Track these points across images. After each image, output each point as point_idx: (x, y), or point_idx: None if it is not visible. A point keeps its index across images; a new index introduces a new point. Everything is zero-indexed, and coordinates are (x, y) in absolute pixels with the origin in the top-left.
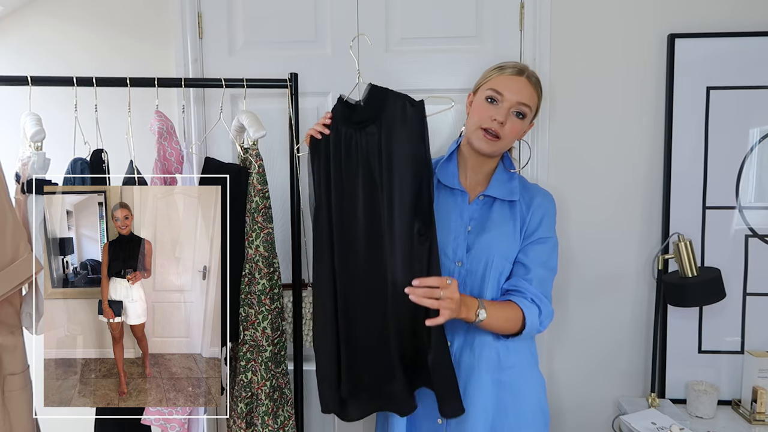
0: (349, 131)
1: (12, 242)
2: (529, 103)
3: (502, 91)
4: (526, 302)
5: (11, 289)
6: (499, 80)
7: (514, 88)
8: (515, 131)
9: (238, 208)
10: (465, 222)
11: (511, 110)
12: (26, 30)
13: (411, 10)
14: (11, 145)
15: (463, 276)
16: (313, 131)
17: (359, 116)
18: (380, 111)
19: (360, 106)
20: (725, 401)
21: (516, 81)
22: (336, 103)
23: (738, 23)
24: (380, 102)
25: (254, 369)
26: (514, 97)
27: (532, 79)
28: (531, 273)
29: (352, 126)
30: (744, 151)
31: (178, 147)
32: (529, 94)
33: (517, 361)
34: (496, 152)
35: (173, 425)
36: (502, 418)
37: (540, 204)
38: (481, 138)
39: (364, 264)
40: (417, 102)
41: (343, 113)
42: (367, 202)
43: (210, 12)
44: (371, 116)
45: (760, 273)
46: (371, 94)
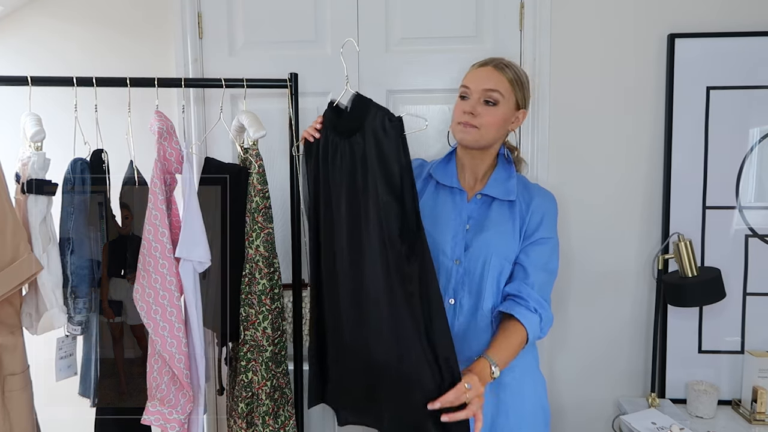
0: (335, 139)
1: (12, 242)
2: (495, 88)
3: (469, 84)
4: (528, 313)
5: (11, 289)
6: (468, 76)
7: (478, 78)
8: (490, 119)
9: (238, 208)
10: (463, 220)
11: (480, 99)
12: (26, 30)
13: (411, 10)
14: (11, 145)
15: (461, 275)
16: (306, 133)
17: (343, 126)
18: (363, 121)
19: (345, 113)
20: (725, 401)
21: (480, 71)
22: (327, 108)
23: (738, 23)
24: (363, 112)
25: (255, 369)
26: (480, 86)
27: (499, 66)
28: (531, 277)
29: (337, 134)
30: (744, 151)
31: (178, 147)
32: (495, 79)
33: (517, 363)
34: (479, 142)
35: (173, 425)
36: (503, 419)
37: (540, 204)
38: (460, 130)
39: (347, 270)
40: (395, 118)
41: (331, 119)
42: (350, 213)
43: (210, 12)
44: (356, 126)
45: (760, 273)
46: (355, 104)
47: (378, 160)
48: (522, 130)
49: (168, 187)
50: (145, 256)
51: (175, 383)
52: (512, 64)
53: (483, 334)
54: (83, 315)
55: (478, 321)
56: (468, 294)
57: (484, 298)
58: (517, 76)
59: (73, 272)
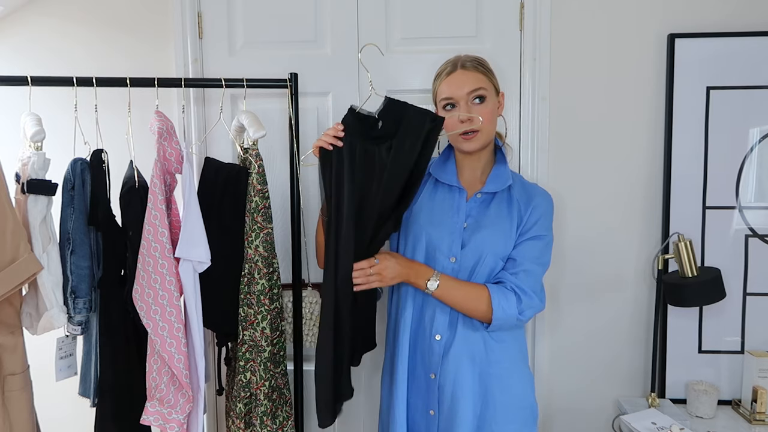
0: (364, 145)
1: (12, 242)
2: (478, 85)
3: (451, 94)
4: (502, 289)
5: (11, 290)
6: (443, 86)
7: (457, 85)
8: (486, 115)
9: (237, 208)
10: (461, 219)
11: (469, 102)
12: (26, 30)
13: (411, 10)
14: (11, 145)
15: (455, 272)
16: (323, 142)
17: (378, 132)
18: (398, 125)
19: (374, 119)
20: (725, 401)
21: (454, 78)
22: (347, 114)
23: (738, 23)
24: (398, 116)
25: (253, 369)
26: (462, 91)
27: (467, 64)
28: (518, 267)
29: (369, 141)
30: (744, 151)
31: (178, 147)
32: (473, 79)
33: (504, 356)
34: (485, 143)
35: (172, 425)
36: (490, 411)
37: (539, 203)
38: (464, 141)
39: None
40: (438, 118)
41: (355, 126)
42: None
43: (210, 12)
44: (391, 132)
45: (760, 273)
46: (388, 108)
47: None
48: (522, 131)
49: (168, 187)
50: (144, 256)
51: (175, 383)
52: (471, 57)
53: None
54: (83, 315)
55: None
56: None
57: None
58: (483, 66)
59: (73, 272)
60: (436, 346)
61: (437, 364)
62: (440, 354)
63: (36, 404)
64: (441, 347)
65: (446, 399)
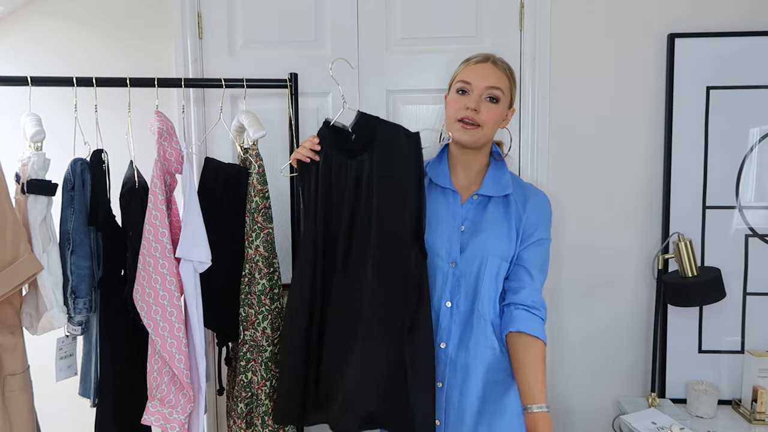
0: (339, 158)
1: (12, 242)
2: (498, 85)
3: (470, 80)
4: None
5: (11, 290)
6: (466, 71)
7: (481, 75)
8: (492, 116)
9: (237, 208)
10: (458, 222)
11: (482, 96)
12: (26, 30)
13: (411, 10)
14: (11, 145)
15: (457, 277)
16: (300, 155)
17: (351, 145)
18: (372, 140)
19: (348, 132)
20: (725, 401)
21: (481, 68)
22: (322, 127)
23: (738, 23)
24: (371, 131)
25: (254, 369)
26: (483, 82)
27: (499, 64)
28: (536, 280)
29: (342, 153)
30: (744, 150)
31: (178, 147)
32: (497, 77)
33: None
34: (479, 141)
35: (173, 425)
36: (498, 419)
37: (537, 204)
38: (460, 129)
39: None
40: (413, 133)
41: (330, 139)
42: (352, 232)
43: (210, 12)
44: (364, 145)
45: (760, 273)
46: (361, 122)
47: (387, 177)
48: (522, 131)
49: (168, 187)
50: (145, 256)
51: (176, 383)
52: (505, 61)
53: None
54: (83, 315)
55: (474, 323)
56: (464, 296)
57: (481, 300)
58: (512, 75)
59: (73, 272)
60: (441, 354)
61: (443, 372)
62: (445, 362)
63: (36, 404)
64: (447, 356)
65: (453, 409)
